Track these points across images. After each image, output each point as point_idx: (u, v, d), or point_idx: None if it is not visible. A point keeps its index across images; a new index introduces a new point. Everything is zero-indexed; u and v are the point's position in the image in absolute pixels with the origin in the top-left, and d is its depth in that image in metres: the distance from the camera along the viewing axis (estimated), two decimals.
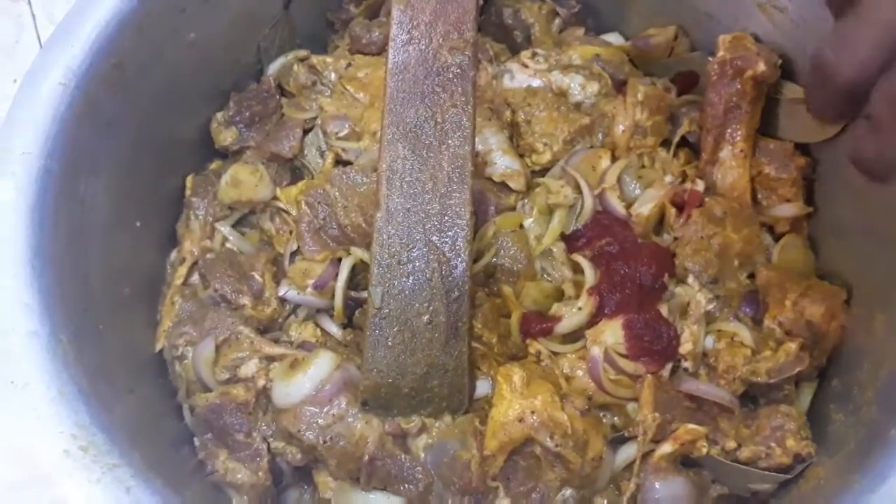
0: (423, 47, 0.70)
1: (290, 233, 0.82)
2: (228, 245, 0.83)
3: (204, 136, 0.87)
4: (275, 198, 0.83)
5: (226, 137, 0.87)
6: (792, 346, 0.73)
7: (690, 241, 0.78)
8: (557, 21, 0.93)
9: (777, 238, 0.83)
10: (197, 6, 0.79)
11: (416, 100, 0.70)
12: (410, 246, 0.69)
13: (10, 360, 0.57)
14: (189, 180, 0.85)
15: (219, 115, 0.87)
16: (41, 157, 0.66)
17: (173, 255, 0.83)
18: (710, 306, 0.76)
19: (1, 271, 0.60)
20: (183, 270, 0.81)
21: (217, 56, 0.85)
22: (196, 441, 0.73)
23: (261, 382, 0.73)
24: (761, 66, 0.78)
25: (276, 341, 0.76)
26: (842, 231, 0.81)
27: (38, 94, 0.68)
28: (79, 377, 0.59)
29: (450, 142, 0.70)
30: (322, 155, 0.85)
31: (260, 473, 0.71)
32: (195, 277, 0.81)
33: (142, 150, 0.78)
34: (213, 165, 0.88)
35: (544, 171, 0.83)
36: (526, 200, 0.81)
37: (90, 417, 0.57)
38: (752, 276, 0.80)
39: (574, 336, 0.75)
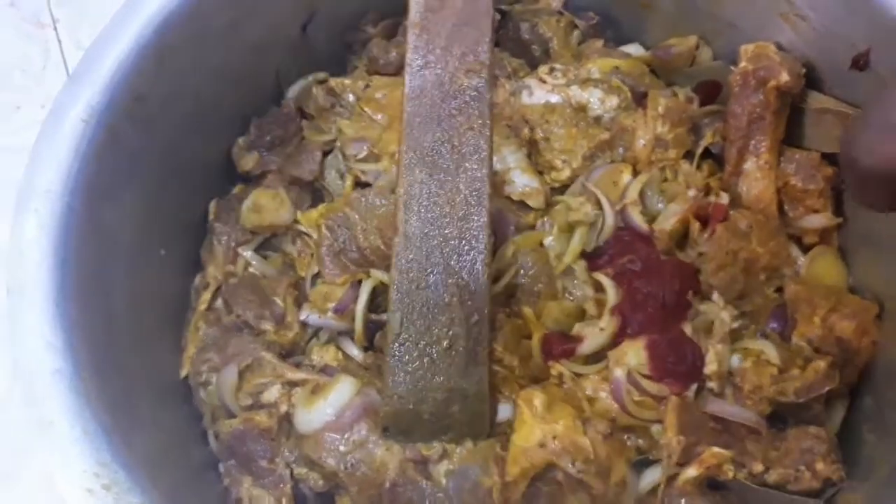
0: (440, 71, 0.70)
1: (311, 256, 0.82)
2: (251, 269, 0.84)
3: (226, 160, 0.88)
4: (296, 221, 0.84)
5: (248, 162, 0.87)
6: (821, 364, 0.71)
7: (715, 256, 0.76)
8: (576, 33, 0.91)
9: (806, 250, 0.81)
10: (216, 33, 0.80)
11: (433, 124, 0.69)
12: (429, 270, 0.68)
13: (35, 400, 0.58)
14: (212, 205, 0.86)
15: (240, 141, 0.88)
16: (64, 194, 0.66)
17: (197, 280, 0.84)
18: (736, 324, 0.74)
19: (25, 310, 0.62)
20: (207, 296, 0.82)
21: (238, 82, 0.85)
22: (221, 467, 0.74)
23: (283, 408, 0.74)
24: (785, 76, 0.77)
25: (299, 365, 0.77)
26: (873, 242, 0.78)
27: (61, 131, 0.69)
28: (101, 414, 0.60)
29: (467, 165, 0.69)
30: (342, 177, 0.85)
31: (283, 500, 0.71)
32: (219, 302, 0.82)
33: (165, 178, 0.79)
34: (236, 190, 0.88)
35: (564, 187, 0.82)
36: (546, 218, 0.80)
37: (111, 455, 0.58)
38: (779, 289, 0.78)
39: (597, 356, 0.74)
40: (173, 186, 0.80)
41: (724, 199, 0.80)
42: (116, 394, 0.63)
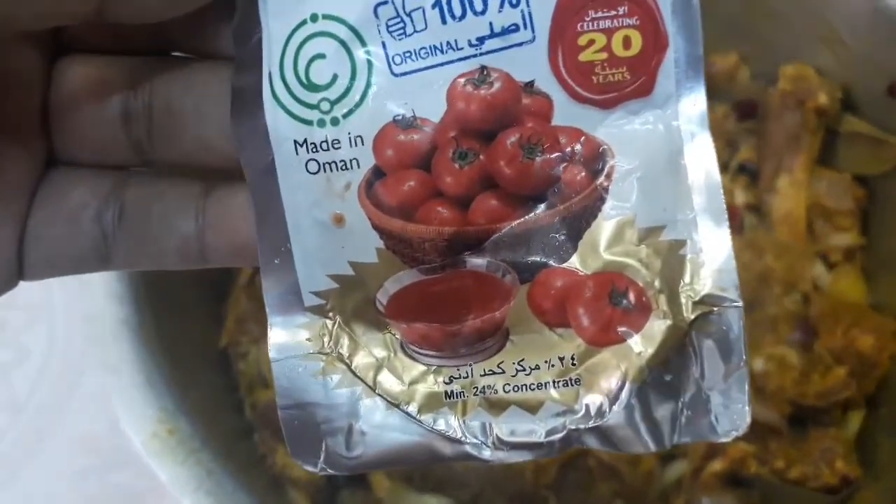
0: None
1: None
2: None
3: None
4: None
5: None
6: (840, 372, 0.79)
7: None
8: None
9: (831, 267, 0.89)
10: None
11: None
12: None
13: (103, 347, 0.64)
14: None
15: None
16: None
17: None
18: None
19: None
20: (248, 271, 0.88)
21: None
22: (256, 436, 0.80)
23: None
24: (822, 98, 0.85)
25: None
26: (895, 264, 0.86)
27: None
28: (163, 366, 0.66)
29: None
30: None
31: None
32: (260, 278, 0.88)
33: None
34: None
35: None
36: None
37: (174, 404, 0.64)
38: (806, 303, 0.86)
39: None
40: None
41: (739, 197, 0.87)
42: (173, 352, 0.69)
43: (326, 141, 0.30)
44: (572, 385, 0.32)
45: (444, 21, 0.29)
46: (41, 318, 0.87)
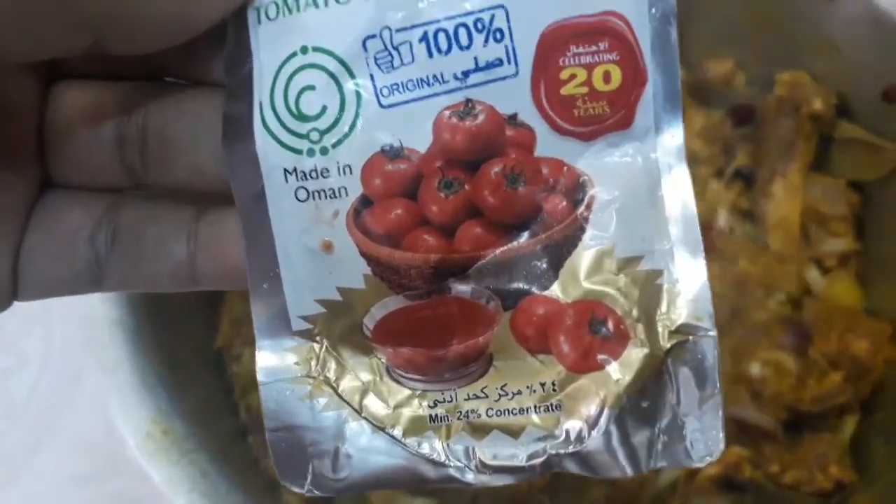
0: None
1: None
2: None
3: None
4: None
5: None
6: (836, 377, 0.79)
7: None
8: None
9: (825, 273, 0.89)
10: None
11: None
12: None
13: (99, 349, 0.64)
14: None
15: None
16: None
17: None
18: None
19: None
20: None
21: None
22: (251, 438, 0.80)
23: None
24: (817, 105, 0.85)
25: None
26: (890, 269, 0.87)
27: None
28: (157, 366, 0.66)
29: None
30: None
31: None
32: None
33: None
34: None
35: None
36: None
37: (169, 405, 0.64)
38: (801, 308, 0.86)
39: None
40: None
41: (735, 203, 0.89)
42: (170, 353, 0.70)
43: (315, 170, 0.31)
44: (553, 410, 0.33)
45: (430, 55, 0.29)
46: (38, 323, 0.87)
